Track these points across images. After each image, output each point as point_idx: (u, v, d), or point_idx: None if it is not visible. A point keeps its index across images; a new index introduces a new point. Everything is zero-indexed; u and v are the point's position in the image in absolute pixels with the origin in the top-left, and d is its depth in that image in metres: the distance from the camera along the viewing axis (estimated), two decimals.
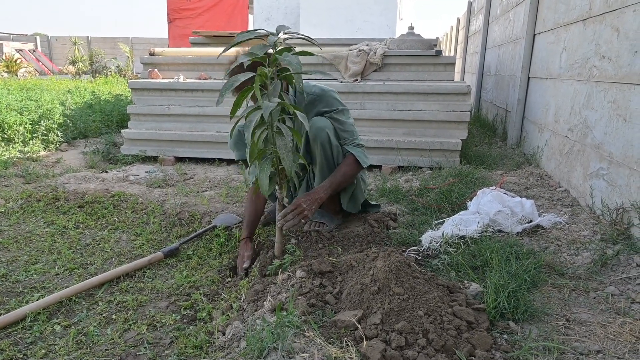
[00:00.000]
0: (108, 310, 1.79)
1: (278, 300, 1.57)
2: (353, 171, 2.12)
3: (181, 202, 2.83)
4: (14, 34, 23.73)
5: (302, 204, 1.93)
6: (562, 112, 3.00)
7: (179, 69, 4.61)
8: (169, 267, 2.18)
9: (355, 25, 8.55)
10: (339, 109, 2.13)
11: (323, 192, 2.00)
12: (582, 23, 2.74)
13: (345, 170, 2.08)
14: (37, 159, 4.13)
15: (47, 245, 2.38)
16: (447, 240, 2.01)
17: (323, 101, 2.12)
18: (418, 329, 1.31)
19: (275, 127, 1.63)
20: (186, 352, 1.52)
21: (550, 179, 3.05)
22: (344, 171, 2.08)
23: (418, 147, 3.75)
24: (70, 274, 2.10)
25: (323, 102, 2.12)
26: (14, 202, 2.97)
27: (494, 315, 1.44)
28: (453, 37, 11.68)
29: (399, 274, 1.46)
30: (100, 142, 4.84)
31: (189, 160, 4.23)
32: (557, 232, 2.13)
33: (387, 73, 4.24)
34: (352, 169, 2.11)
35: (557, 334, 1.38)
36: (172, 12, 9.82)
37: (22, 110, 5.00)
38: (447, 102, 3.82)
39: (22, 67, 16.10)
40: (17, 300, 1.85)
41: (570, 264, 1.84)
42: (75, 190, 3.06)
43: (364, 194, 2.36)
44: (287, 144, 1.64)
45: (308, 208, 1.93)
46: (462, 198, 2.60)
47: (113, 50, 21.03)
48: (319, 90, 2.11)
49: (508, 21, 5.05)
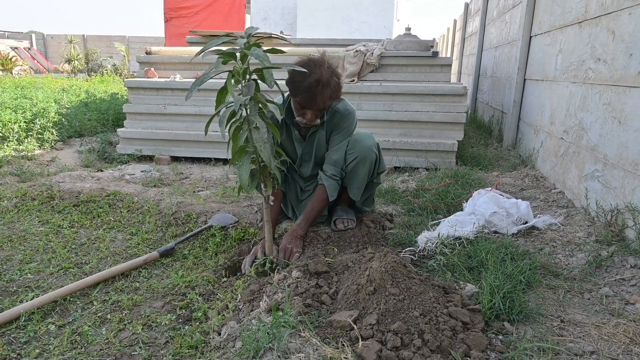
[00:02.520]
0: (103, 310, 1.78)
1: (274, 300, 1.57)
2: (324, 205, 2.24)
3: (177, 201, 2.82)
4: (9, 32, 23.58)
5: (287, 245, 2.04)
6: (557, 114, 3.01)
7: (175, 68, 4.60)
8: (165, 267, 2.17)
9: (352, 26, 8.56)
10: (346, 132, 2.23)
11: (301, 230, 2.13)
12: (577, 26, 2.75)
13: (318, 207, 2.21)
14: (32, 158, 4.11)
15: (42, 244, 2.36)
16: (443, 241, 2.01)
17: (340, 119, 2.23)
18: (414, 329, 1.31)
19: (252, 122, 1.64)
20: (181, 352, 1.51)
21: (545, 180, 3.06)
22: (318, 208, 2.21)
23: (414, 148, 3.76)
24: (65, 273, 2.09)
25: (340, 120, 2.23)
26: (9, 200, 2.95)
27: (489, 316, 1.45)
28: (450, 39, 11.72)
29: (394, 275, 1.46)
30: (96, 141, 4.82)
31: (185, 159, 4.22)
32: (552, 234, 2.15)
33: (384, 74, 4.25)
34: (324, 205, 2.24)
35: (551, 334, 1.38)
36: (168, 11, 9.79)
37: (17, 108, 4.97)
38: (443, 103, 3.83)
39: (17, 65, 16.00)
40: (11, 299, 1.84)
41: (565, 265, 1.85)
42: (70, 189, 3.04)
43: None
44: (262, 136, 1.64)
45: (294, 245, 2.05)
46: (458, 199, 2.61)
47: (109, 48, 20.92)
48: (343, 109, 2.23)
49: (504, 23, 5.07)
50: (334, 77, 2.03)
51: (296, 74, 1.97)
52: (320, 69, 1.98)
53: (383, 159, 2.32)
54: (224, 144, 3.94)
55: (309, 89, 1.96)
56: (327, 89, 1.99)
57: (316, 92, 1.97)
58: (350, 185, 2.25)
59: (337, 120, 2.22)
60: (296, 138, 2.27)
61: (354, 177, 2.22)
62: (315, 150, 2.28)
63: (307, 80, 1.95)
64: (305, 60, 2.04)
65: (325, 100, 2.02)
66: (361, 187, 2.25)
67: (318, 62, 2.01)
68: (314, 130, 2.22)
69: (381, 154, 2.29)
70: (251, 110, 1.64)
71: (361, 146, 2.18)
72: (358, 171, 2.20)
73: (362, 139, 2.20)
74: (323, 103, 2.03)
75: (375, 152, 2.22)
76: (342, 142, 2.21)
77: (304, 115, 2.08)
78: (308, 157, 2.32)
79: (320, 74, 1.96)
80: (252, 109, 1.64)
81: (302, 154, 2.31)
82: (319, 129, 2.23)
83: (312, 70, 1.94)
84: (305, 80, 1.95)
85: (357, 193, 2.26)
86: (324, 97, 2.00)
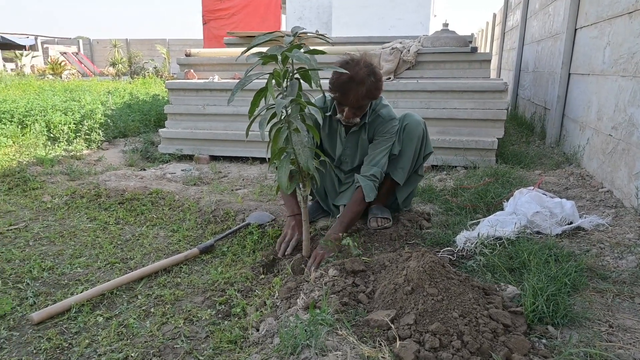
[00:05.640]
0: (147, 304, 1.85)
1: (311, 298, 1.58)
2: (361, 208, 2.15)
3: (216, 199, 2.89)
4: (59, 38, 24.83)
5: (319, 251, 1.95)
6: (605, 109, 2.88)
7: (213, 70, 4.70)
8: (204, 263, 2.23)
9: (388, 23, 8.47)
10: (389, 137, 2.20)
11: (336, 235, 2.04)
12: (627, 16, 2.61)
13: (355, 210, 2.13)
14: (80, 157, 4.32)
15: (90, 240, 2.48)
16: (483, 241, 1.97)
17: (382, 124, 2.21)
18: (452, 330, 1.29)
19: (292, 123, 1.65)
20: (221, 347, 1.55)
21: (592, 179, 2.93)
22: (354, 210, 2.13)
23: (452, 146, 3.69)
24: (111, 267, 2.18)
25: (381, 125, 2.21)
26: (60, 198, 3.12)
27: (532, 319, 1.41)
28: (489, 33, 11.39)
29: (432, 275, 1.44)
30: (139, 141, 5.00)
31: (223, 158, 4.31)
32: (600, 235, 2.05)
33: (420, 71, 4.18)
34: (360, 208, 2.15)
35: (599, 340, 1.33)
36: (206, 13, 10.02)
37: (67, 110, 5.23)
38: (482, 100, 3.73)
39: (66, 69, 16.84)
40: (63, 292, 1.94)
41: (613, 267, 1.76)
42: (115, 187, 3.18)
43: None
44: (302, 139, 1.65)
45: (326, 251, 1.94)
46: (498, 198, 2.54)
47: (151, 51, 21.65)
48: (386, 114, 2.22)
49: (547, 16, 4.88)
50: (371, 76, 2.02)
51: (334, 72, 2.00)
52: (355, 67, 2.00)
53: (430, 140, 2.31)
54: (261, 144, 4.00)
55: (342, 86, 2.00)
56: (361, 87, 1.99)
57: (349, 90, 2.00)
58: (395, 165, 2.23)
59: (379, 125, 2.22)
60: (340, 136, 2.29)
61: (400, 155, 2.21)
62: (356, 149, 2.30)
63: (341, 78, 1.99)
64: (344, 59, 2.07)
65: (359, 98, 2.02)
66: (406, 168, 2.22)
67: (355, 61, 2.04)
68: (355, 129, 2.24)
69: (428, 134, 2.29)
70: (292, 112, 1.65)
71: (411, 118, 2.23)
72: (405, 148, 2.20)
73: (411, 114, 2.26)
74: (357, 101, 2.03)
75: (423, 127, 2.24)
76: (385, 147, 2.19)
77: (342, 112, 2.12)
78: (349, 158, 2.34)
79: (354, 72, 1.98)
80: (293, 110, 1.65)
81: (342, 152, 2.33)
82: (361, 130, 2.24)
83: (348, 68, 1.96)
84: (340, 78, 2.00)
85: (402, 175, 2.23)
86: (358, 95, 2.01)
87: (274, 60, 1.60)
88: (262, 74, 1.61)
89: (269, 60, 1.59)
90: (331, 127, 2.30)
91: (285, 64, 1.62)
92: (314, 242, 2.16)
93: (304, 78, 1.66)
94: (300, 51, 1.57)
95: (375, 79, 2.05)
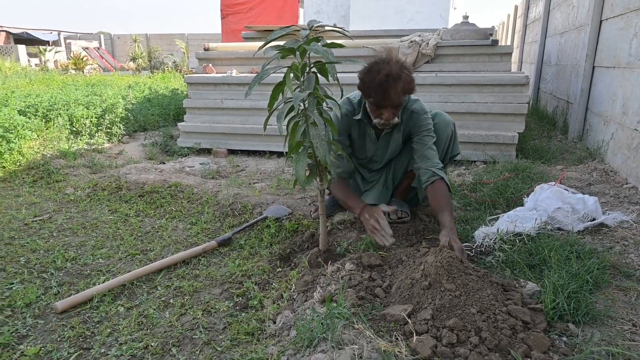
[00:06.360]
0: (166, 295, 1.89)
1: (327, 291, 1.58)
2: (450, 198, 2.08)
3: (234, 193, 2.92)
4: (81, 33, 25.27)
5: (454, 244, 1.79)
6: (631, 103, 2.80)
7: (231, 64, 4.73)
8: (222, 256, 2.25)
9: (406, 16, 8.37)
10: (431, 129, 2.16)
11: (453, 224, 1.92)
12: None
13: (449, 199, 2.04)
14: (102, 151, 4.40)
15: (111, 231, 2.53)
16: (502, 236, 1.94)
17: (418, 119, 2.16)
18: (470, 326, 1.28)
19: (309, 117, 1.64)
20: (239, 338, 1.57)
21: (616, 174, 2.86)
22: (449, 201, 2.02)
23: (471, 141, 3.64)
24: (132, 259, 2.23)
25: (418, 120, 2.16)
26: (82, 190, 3.19)
27: (552, 316, 1.38)
28: (510, 26, 11.16)
29: (450, 270, 1.43)
30: (159, 135, 5.07)
31: (241, 152, 4.35)
32: (624, 232, 2.00)
33: (440, 64, 4.13)
34: (450, 198, 2.07)
35: (622, 339, 1.30)
36: (225, 8, 10.06)
37: (89, 104, 5.33)
38: (503, 93, 3.67)
39: (88, 64, 17.13)
40: (85, 282, 1.99)
41: (638, 265, 1.72)
42: (136, 180, 3.23)
43: None
44: (319, 133, 1.64)
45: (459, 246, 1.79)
46: (518, 194, 2.50)
47: (170, 46, 21.88)
48: (420, 108, 2.17)
49: (571, 7, 4.75)
50: (404, 70, 1.95)
51: (365, 76, 1.95)
52: (388, 64, 1.93)
53: (457, 141, 2.30)
54: (278, 137, 4.01)
55: (381, 85, 1.91)
56: (399, 82, 1.92)
57: (389, 87, 1.91)
58: None
59: (416, 120, 2.15)
60: (370, 138, 2.24)
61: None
62: (387, 149, 2.25)
63: (378, 78, 1.91)
64: (373, 61, 1.99)
65: (399, 94, 1.94)
66: None
67: (385, 59, 1.97)
68: (388, 131, 2.17)
69: (457, 135, 2.28)
70: (309, 105, 1.65)
71: (440, 118, 2.21)
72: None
73: (441, 113, 2.25)
74: (398, 98, 1.94)
75: (452, 128, 2.23)
76: (431, 142, 2.13)
77: (381, 116, 2.02)
78: (379, 157, 2.30)
79: (389, 69, 1.91)
80: (310, 103, 1.65)
81: (373, 153, 2.29)
82: (394, 130, 2.18)
83: (381, 68, 1.91)
84: (376, 78, 1.91)
85: None
86: (397, 92, 1.93)
87: (292, 53, 1.59)
88: (279, 68, 1.61)
89: (288, 53, 1.59)
90: (360, 129, 2.23)
91: (304, 57, 1.61)
92: (330, 236, 2.16)
93: (320, 72, 1.65)
94: (318, 44, 1.57)
95: (408, 71, 1.99)
